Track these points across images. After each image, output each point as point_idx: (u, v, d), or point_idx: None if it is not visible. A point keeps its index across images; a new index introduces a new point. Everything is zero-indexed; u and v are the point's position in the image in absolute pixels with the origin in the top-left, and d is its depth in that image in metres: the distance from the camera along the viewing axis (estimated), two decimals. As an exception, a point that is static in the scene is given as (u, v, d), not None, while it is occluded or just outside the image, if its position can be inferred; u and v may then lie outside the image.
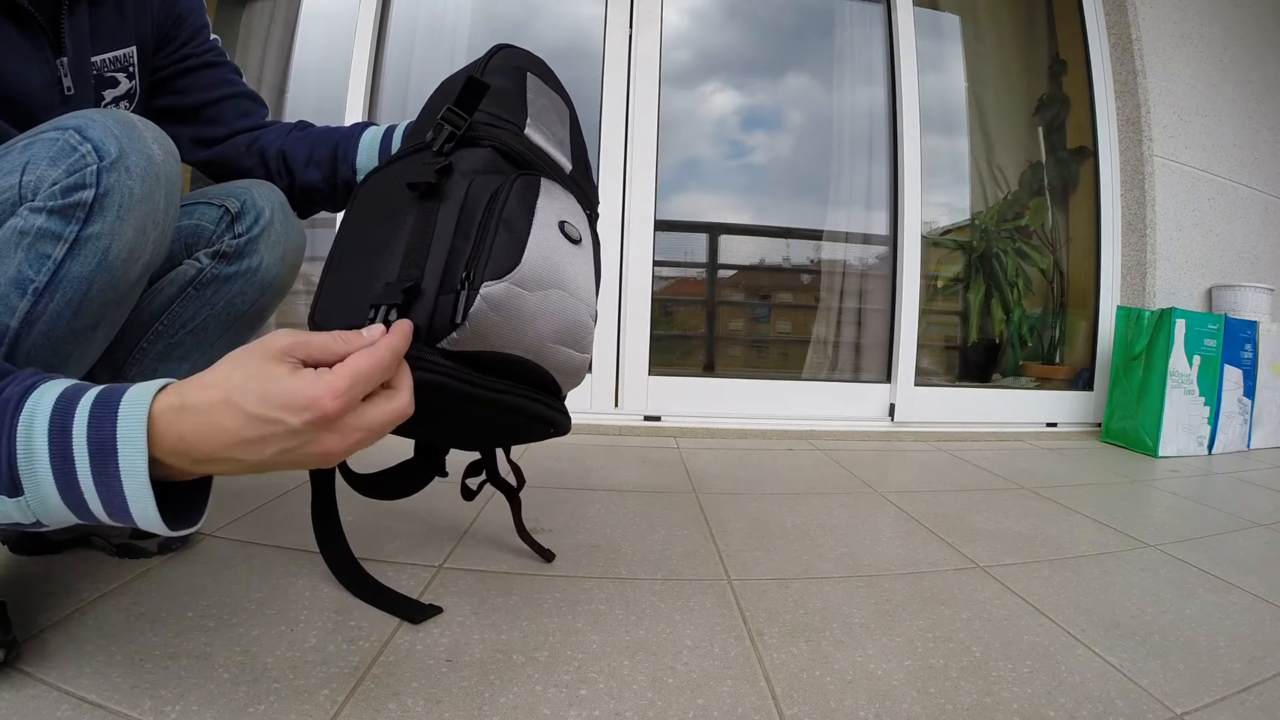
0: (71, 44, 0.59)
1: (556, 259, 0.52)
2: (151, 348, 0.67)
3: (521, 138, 0.58)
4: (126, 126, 0.49)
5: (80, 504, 0.38)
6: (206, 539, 0.79)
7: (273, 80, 1.99)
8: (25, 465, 0.37)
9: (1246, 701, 0.56)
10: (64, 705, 0.46)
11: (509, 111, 0.59)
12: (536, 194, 0.53)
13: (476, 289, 0.47)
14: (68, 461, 0.37)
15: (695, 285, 2.21)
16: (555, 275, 0.51)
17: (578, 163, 0.66)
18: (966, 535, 0.97)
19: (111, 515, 0.39)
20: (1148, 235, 1.98)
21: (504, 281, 0.48)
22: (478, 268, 0.48)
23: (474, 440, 0.71)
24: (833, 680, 0.56)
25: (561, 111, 0.66)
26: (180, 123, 0.74)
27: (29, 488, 0.38)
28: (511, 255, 0.49)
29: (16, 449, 0.37)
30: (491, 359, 0.50)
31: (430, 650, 0.57)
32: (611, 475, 1.23)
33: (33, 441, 0.37)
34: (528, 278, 0.49)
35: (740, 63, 2.17)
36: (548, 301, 0.51)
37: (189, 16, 0.74)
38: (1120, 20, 2.05)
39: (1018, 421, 1.96)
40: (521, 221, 0.50)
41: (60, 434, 0.38)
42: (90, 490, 0.38)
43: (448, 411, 0.52)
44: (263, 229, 0.67)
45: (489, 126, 0.56)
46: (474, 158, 0.54)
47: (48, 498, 0.38)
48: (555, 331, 0.52)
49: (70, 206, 0.46)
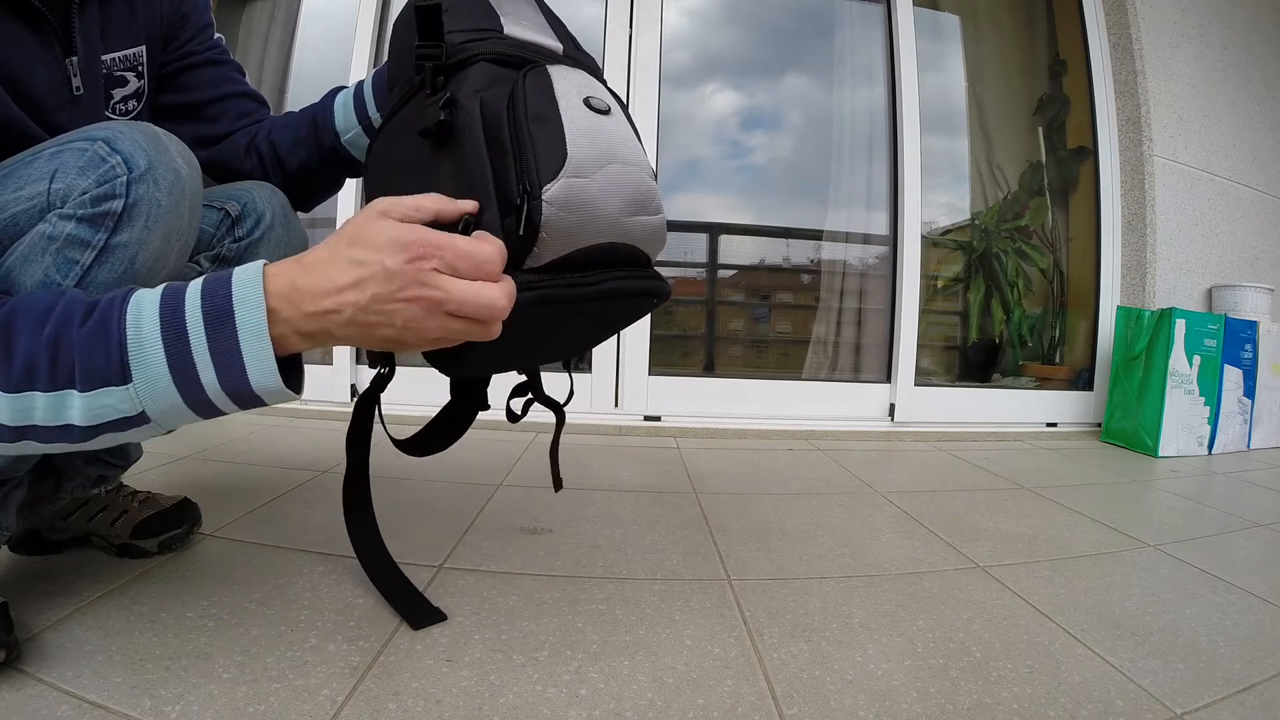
0: (82, 43, 0.59)
1: (597, 135, 0.50)
2: None
3: (506, 39, 0.56)
4: (153, 140, 0.50)
5: (192, 380, 0.40)
6: (206, 539, 0.79)
7: (273, 80, 1.99)
8: (135, 348, 0.39)
9: (1246, 701, 0.56)
10: (64, 705, 0.46)
11: (479, 19, 0.57)
12: (550, 81, 0.51)
13: (538, 198, 0.46)
14: (181, 335, 0.39)
15: (695, 285, 2.21)
16: (604, 151, 0.50)
17: (565, 40, 0.63)
18: (966, 535, 0.97)
19: (225, 384, 0.41)
20: (1148, 235, 1.98)
21: (561, 179, 0.47)
22: (529, 177, 0.47)
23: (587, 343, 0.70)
24: (833, 680, 0.56)
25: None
26: (181, 120, 0.73)
27: (138, 371, 0.39)
28: (556, 151, 0.48)
29: (127, 333, 0.39)
30: (580, 256, 0.50)
31: (430, 650, 0.57)
32: (611, 475, 1.23)
33: (142, 325, 0.39)
34: (581, 164, 0.48)
35: (740, 63, 2.17)
36: (608, 178, 0.50)
37: (194, 15, 0.74)
38: (1120, 20, 2.06)
39: (1018, 421, 1.96)
40: (550, 112, 0.49)
41: (173, 312, 0.40)
42: (205, 360, 0.40)
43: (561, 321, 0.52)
44: (264, 232, 0.67)
45: (470, 43, 0.54)
46: (471, 78, 0.52)
47: (156, 380, 0.39)
48: (626, 205, 0.52)
49: (100, 215, 0.47)
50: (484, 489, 1.06)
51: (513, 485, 1.10)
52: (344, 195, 1.44)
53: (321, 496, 0.97)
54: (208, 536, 0.80)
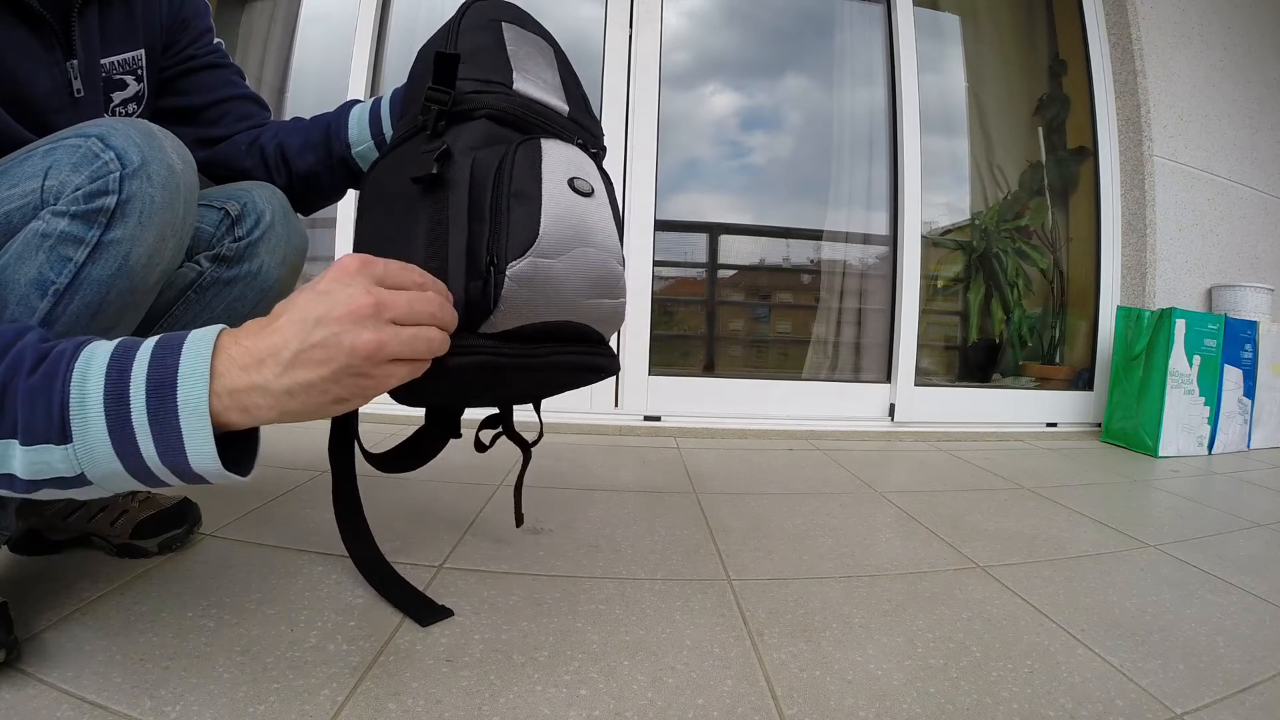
0: (82, 46, 0.60)
1: (574, 218, 0.52)
2: None
3: (512, 96, 0.57)
4: (147, 136, 0.50)
5: (132, 450, 0.38)
6: (206, 539, 0.79)
7: (273, 80, 1.99)
8: (77, 409, 0.37)
9: (1246, 701, 0.56)
10: (64, 705, 0.46)
11: (493, 71, 0.57)
12: (540, 157, 0.52)
13: (503, 271, 0.48)
14: (122, 401, 0.38)
15: (695, 285, 2.21)
16: (576, 234, 0.52)
17: (574, 102, 0.64)
18: (966, 535, 0.97)
19: (164, 458, 0.39)
20: (1148, 235, 1.98)
21: (527, 258, 0.49)
22: (499, 250, 0.48)
23: (526, 398, 0.73)
24: (833, 680, 0.56)
25: (546, 52, 0.64)
26: (182, 123, 0.74)
27: (78, 433, 0.37)
28: (529, 229, 0.49)
29: (70, 391, 0.37)
30: (534, 330, 0.52)
31: (430, 650, 0.57)
32: (611, 475, 1.23)
33: (87, 385, 0.38)
34: (550, 246, 0.50)
35: (740, 64, 2.17)
36: (574, 261, 0.52)
37: (194, 20, 0.74)
38: (1120, 20, 2.05)
39: (1018, 421, 1.96)
40: (531, 190, 0.50)
41: (118, 375, 0.38)
42: (144, 431, 0.38)
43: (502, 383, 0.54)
44: (263, 232, 0.67)
45: (477, 94, 0.55)
46: (470, 133, 0.53)
47: (96, 445, 0.38)
48: (586, 287, 0.54)
49: (93, 212, 0.47)
50: (484, 489, 1.06)
51: (512, 485, 1.10)
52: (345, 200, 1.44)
53: (321, 496, 0.97)
54: (208, 536, 0.80)
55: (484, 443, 0.75)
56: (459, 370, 0.49)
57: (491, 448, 0.75)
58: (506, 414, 0.75)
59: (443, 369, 0.48)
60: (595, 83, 1.76)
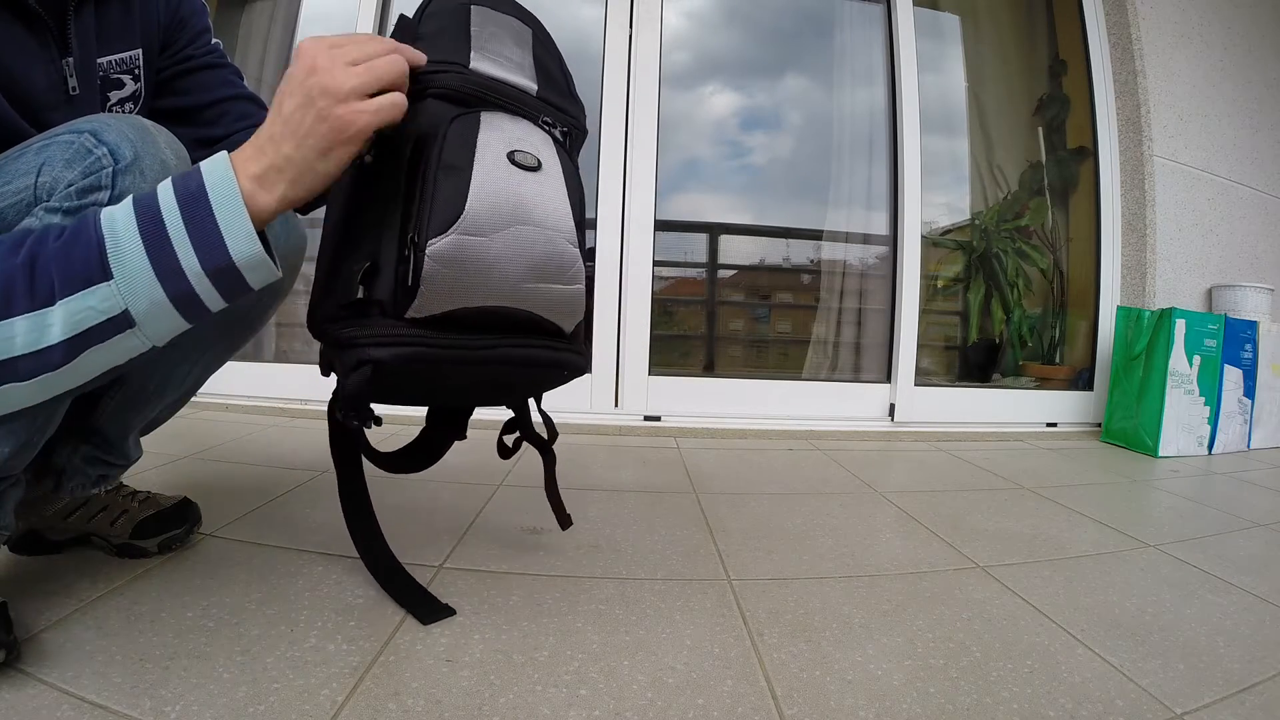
0: (78, 45, 0.60)
1: (509, 193, 0.49)
2: None
3: (466, 74, 0.54)
4: (140, 131, 0.50)
5: (173, 267, 0.41)
6: (206, 539, 0.79)
7: (273, 80, 1.99)
8: (112, 244, 0.40)
9: (1246, 701, 0.56)
10: (64, 705, 0.46)
11: (449, 52, 0.56)
12: (477, 129, 0.50)
13: (423, 250, 0.46)
14: (157, 224, 0.41)
15: (695, 285, 2.21)
16: (514, 211, 0.48)
17: (547, 80, 0.61)
18: (966, 535, 0.97)
19: (206, 262, 0.42)
20: (1148, 235, 1.98)
21: (450, 235, 0.46)
22: (420, 227, 0.46)
23: (491, 398, 0.68)
24: (833, 680, 0.56)
25: (520, 32, 0.62)
26: (181, 123, 0.74)
27: (117, 267, 0.40)
28: (454, 203, 0.47)
29: (103, 232, 0.41)
30: (466, 315, 0.48)
31: (430, 650, 0.57)
32: (611, 475, 1.23)
33: (117, 223, 0.41)
34: (480, 223, 0.47)
35: (740, 64, 2.17)
36: (511, 240, 0.48)
37: (192, 19, 0.74)
38: (1120, 20, 2.05)
39: (1018, 421, 1.96)
40: (462, 163, 0.48)
41: (147, 207, 0.41)
42: (183, 242, 0.41)
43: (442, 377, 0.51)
44: None
45: (430, 74, 0.53)
46: (416, 115, 0.51)
47: (138, 274, 0.41)
48: (528, 270, 0.50)
49: (85, 207, 0.47)
50: (484, 489, 1.06)
51: (513, 485, 1.10)
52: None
53: (321, 496, 0.97)
54: (208, 536, 0.80)
55: (507, 445, 0.73)
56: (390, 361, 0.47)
57: (518, 451, 0.73)
58: (524, 416, 0.72)
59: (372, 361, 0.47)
60: (595, 83, 1.75)
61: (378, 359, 0.47)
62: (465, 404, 0.70)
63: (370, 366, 0.47)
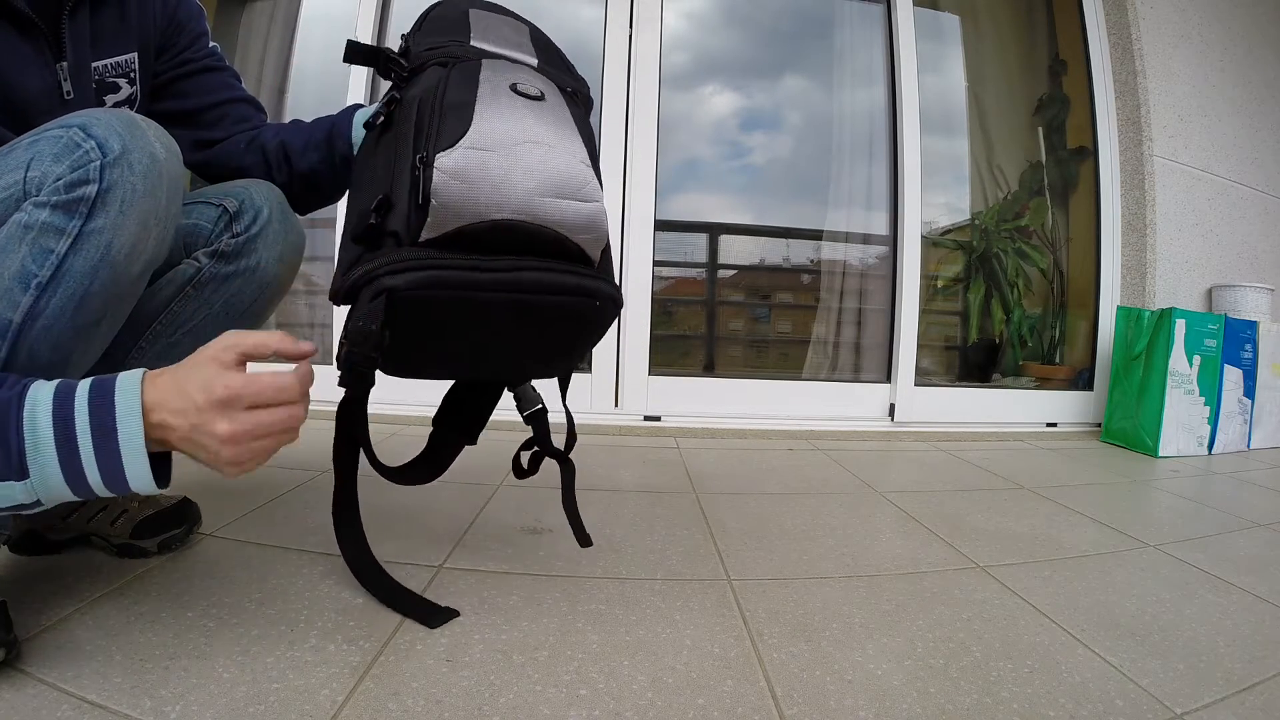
0: (72, 49, 0.60)
1: (517, 116, 0.49)
2: (150, 347, 0.67)
3: (468, 47, 0.56)
4: (129, 124, 0.50)
5: (79, 479, 0.44)
6: (206, 539, 0.79)
7: (272, 81, 1.99)
8: (32, 452, 0.43)
9: (1246, 701, 0.56)
10: (64, 705, 0.46)
11: (450, 32, 0.57)
12: (478, 70, 0.51)
13: (431, 164, 0.46)
14: (71, 445, 0.43)
15: (695, 285, 2.21)
16: (521, 130, 0.48)
17: (548, 59, 0.62)
18: (966, 535, 0.96)
19: (108, 485, 0.45)
20: (1148, 235, 1.98)
21: (458, 148, 0.46)
22: (429, 146, 0.47)
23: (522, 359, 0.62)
24: (833, 680, 0.56)
25: (518, 29, 0.63)
26: (180, 126, 0.74)
27: (34, 471, 0.43)
28: (460, 124, 0.47)
29: (25, 438, 0.43)
30: (477, 231, 0.47)
31: (430, 650, 0.57)
32: (611, 475, 1.23)
33: (38, 431, 0.43)
34: (486, 139, 0.47)
35: (739, 65, 2.17)
36: (521, 156, 0.48)
37: (189, 23, 0.74)
38: (1120, 20, 2.05)
39: (1018, 421, 1.96)
40: (466, 95, 0.49)
41: (63, 422, 0.43)
42: (91, 465, 0.44)
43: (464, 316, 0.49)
44: (261, 228, 0.67)
45: (430, 50, 0.55)
46: (421, 81, 0.52)
47: (50, 478, 0.44)
48: (543, 184, 0.49)
49: (74, 201, 0.47)
50: (484, 489, 1.06)
51: (513, 485, 1.10)
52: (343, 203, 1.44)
53: (321, 496, 0.97)
54: (208, 536, 0.80)
55: (523, 466, 0.70)
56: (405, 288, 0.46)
57: (534, 473, 0.72)
58: (542, 428, 0.69)
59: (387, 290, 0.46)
60: (595, 83, 1.75)
61: (392, 286, 0.46)
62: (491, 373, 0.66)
63: (384, 296, 0.46)
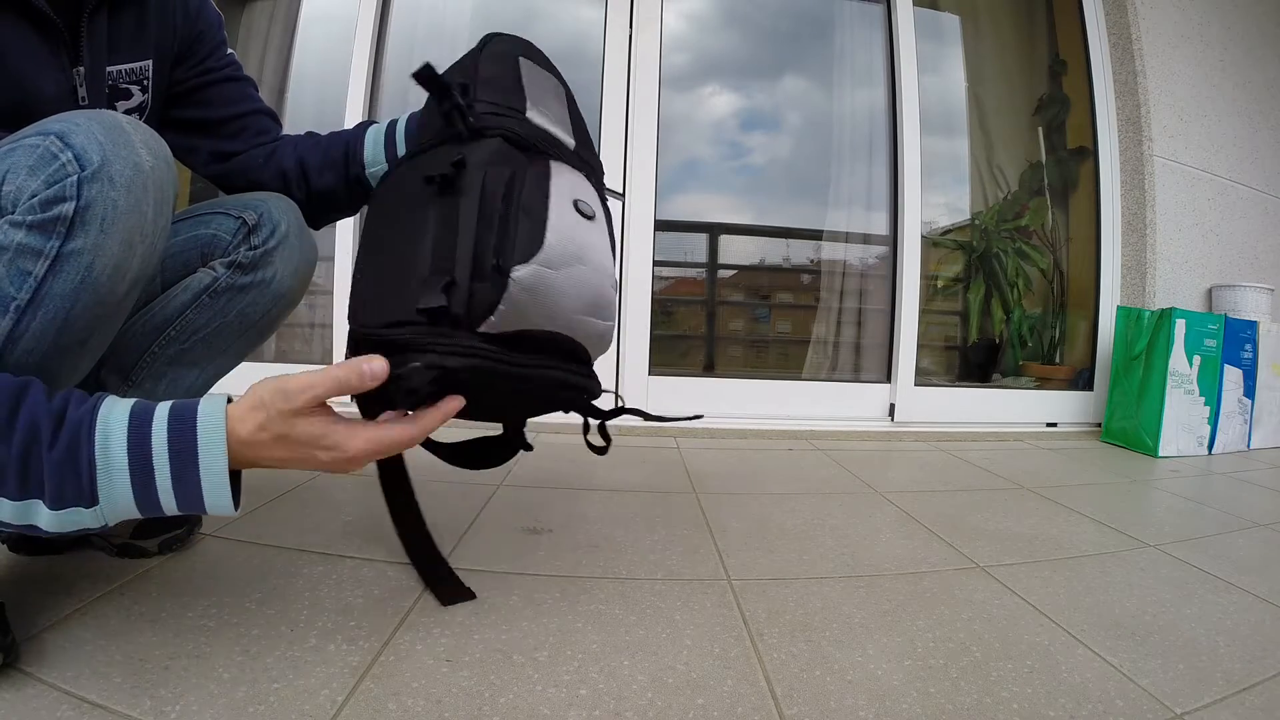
0: (89, 53, 0.59)
1: (576, 236, 0.55)
2: (163, 353, 0.67)
3: (525, 122, 0.60)
4: (112, 131, 0.47)
5: (153, 503, 0.43)
6: (207, 539, 0.79)
7: (273, 81, 1.99)
8: (104, 478, 0.42)
9: (1246, 701, 0.56)
10: (64, 705, 0.46)
11: (510, 98, 0.61)
12: (549, 177, 0.55)
13: (507, 274, 0.50)
14: (147, 470, 0.42)
15: (695, 285, 2.21)
16: (577, 252, 0.54)
17: (579, 137, 0.68)
18: (966, 535, 0.97)
19: (183, 507, 0.44)
20: (1148, 235, 1.98)
21: (531, 264, 0.51)
22: (505, 254, 0.51)
23: (508, 413, 0.73)
24: (833, 680, 0.56)
25: (556, 89, 0.68)
26: (201, 135, 0.74)
27: (104, 496, 0.42)
28: (534, 239, 0.52)
29: (96, 464, 0.41)
30: (529, 337, 0.54)
31: (430, 650, 0.57)
32: (611, 475, 1.23)
33: (110, 456, 0.42)
34: (552, 258, 0.52)
35: (739, 65, 2.17)
36: (573, 277, 0.54)
37: (209, 32, 0.74)
38: (1120, 20, 2.05)
39: (1018, 421, 1.96)
40: (539, 206, 0.53)
41: (139, 445, 0.42)
42: (168, 492, 0.43)
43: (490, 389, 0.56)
44: (279, 241, 0.67)
45: (494, 115, 0.59)
46: (485, 149, 0.56)
47: (119, 502, 0.43)
48: (583, 305, 0.56)
49: (50, 221, 0.44)
50: (484, 489, 1.07)
51: (512, 485, 1.10)
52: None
53: (321, 496, 0.97)
54: (208, 536, 0.80)
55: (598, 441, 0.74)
56: (459, 370, 0.51)
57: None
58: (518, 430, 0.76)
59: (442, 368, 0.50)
60: (595, 84, 1.76)
61: (449, 366, 0.51)
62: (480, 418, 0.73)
63: (439, 371, 0.51)
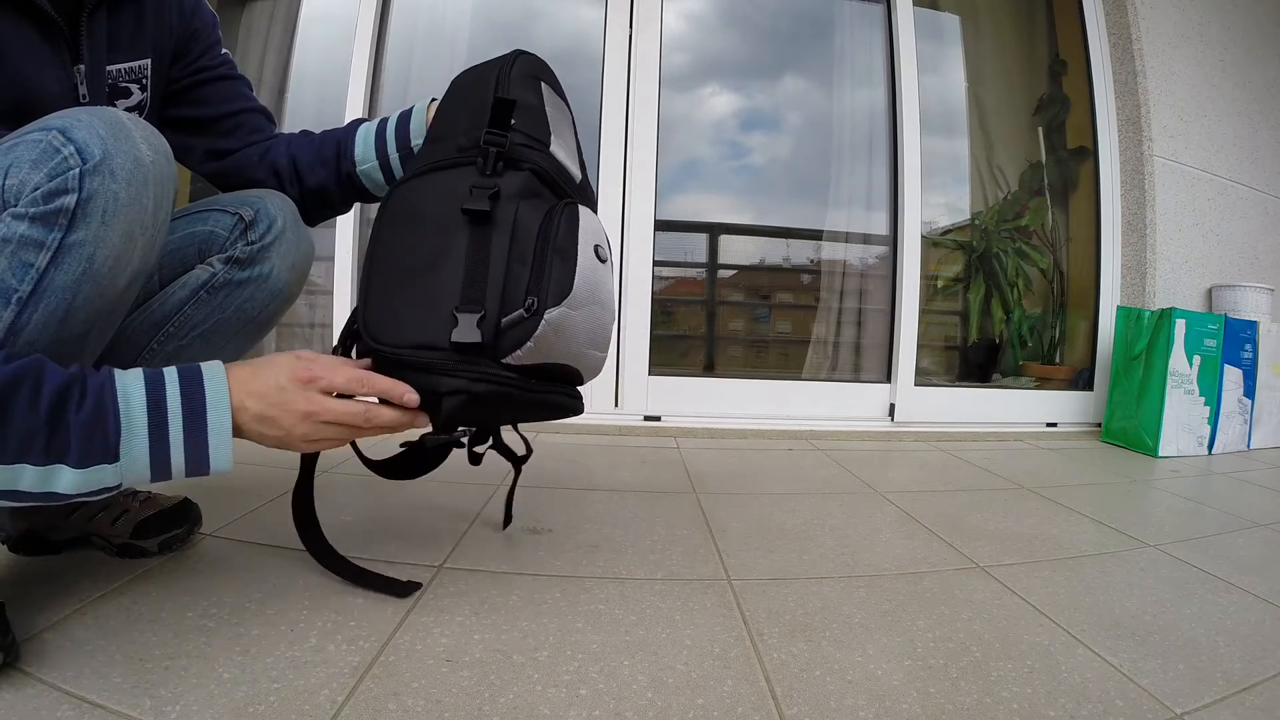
0: (89, 52, 0.59)
1: (594, 280, 0.59)
2: (162, 349, 0.67)
3: (549, 157, 0.64)
4: (113, 126, 0.48)
5: (164, 463, 0.47)
6: (207, 539, 0.79)
7: (272, 81, 1.99)
8: (126, 436, 0.45)
9: (1246, 701, 0.56)
10: (64, 705, 0.46)
11: (536, 129, 0.65)
12: (579, 222, 0.60)
13: (541, 315, 0.55)
14: (162, 429, 0.47)
15: (695, 285, 2.21)
16: (594, 294, 0.59)
17: (582, 167, 0.72)
18: (966, 535, 0.97)
19: (190, 467, 0.48)
20: (1148, 235, 1.98)
21: (561, 306, 0.56)
22: (542, 295, 0.56)
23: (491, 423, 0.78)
24: (833, 680, 0.56)
25: (567, 118, 0.72)
26: (196, 134, 0.75)
27: (124, 454, 0.45)
28: (565, 283, 0.57)
29: (121, 422, 0.45)
30: (546, 368, 0.59)
31: (430, 650, 0.57)
32: (612, 475, 1.23)
33: (131, 415, 0.45)
34: (576, 299, 0.57)
35: (739, 65, 2.17)
36: (588, 316, 0.59)
37: (204, 31, 0.75)
38: (1120, 20, 2.05)
39: (1018, 421, 1.96)
40: (571, 250, 0.58)
41: (156, 406, 0.46)
42: (179, 448, 0.47)
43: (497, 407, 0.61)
44: (275, 237, 0.68)
45: (525, 148, 0.63)
46: (516, 181, 0.61)
47: (137, 460, 0.46)
48: (591, 340, 0.61)
49: (52, 213, 0.45)
50: (484, 489, 1.06)
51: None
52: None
53: (321, 496, 0.97)
54: (208, 536, 0.80)
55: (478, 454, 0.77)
56: (485, 396, 0.56)
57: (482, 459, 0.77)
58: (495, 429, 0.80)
59: (469, 393, 0.55)
60: (595, 84, 1.75)
61: (476, 393, 0.55)
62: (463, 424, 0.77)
63: (466, 396, 0.56)
